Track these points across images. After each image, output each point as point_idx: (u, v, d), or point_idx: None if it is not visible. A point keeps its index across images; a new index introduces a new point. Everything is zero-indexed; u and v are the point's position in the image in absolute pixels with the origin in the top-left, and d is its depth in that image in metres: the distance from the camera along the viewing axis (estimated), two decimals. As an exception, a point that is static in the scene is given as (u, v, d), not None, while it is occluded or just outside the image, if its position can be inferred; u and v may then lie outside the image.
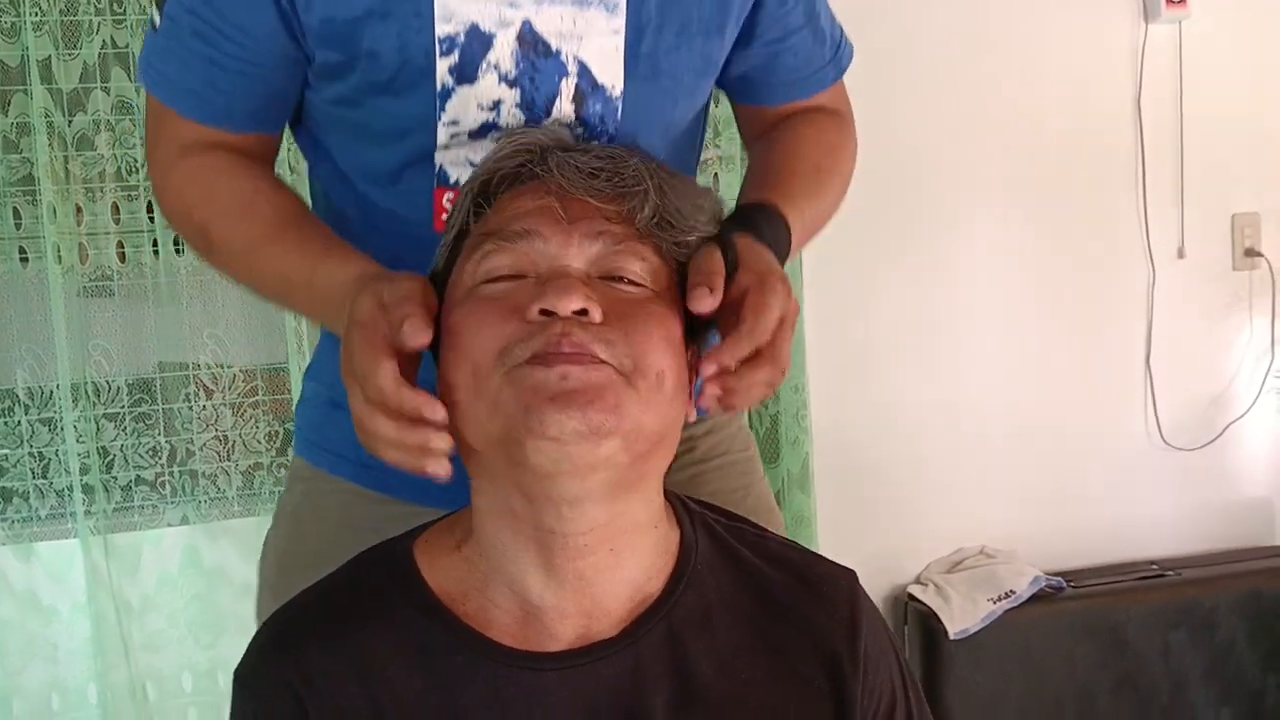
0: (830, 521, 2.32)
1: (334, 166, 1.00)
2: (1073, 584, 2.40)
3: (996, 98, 2.46)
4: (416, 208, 0.96)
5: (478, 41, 0.89)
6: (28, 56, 2.01)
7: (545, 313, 0.73)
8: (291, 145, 1.17)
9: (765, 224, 0.90)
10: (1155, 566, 2.51)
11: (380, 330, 0.75)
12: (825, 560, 0.89)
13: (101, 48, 2.05)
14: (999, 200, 2.48)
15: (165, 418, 2.16)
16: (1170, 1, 2.47)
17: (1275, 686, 2.44)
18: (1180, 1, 2.48)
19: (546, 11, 0.90)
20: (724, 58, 0.99)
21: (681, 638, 0.79)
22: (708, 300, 0.77)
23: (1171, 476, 2.60)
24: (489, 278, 0.77)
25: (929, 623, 2.31)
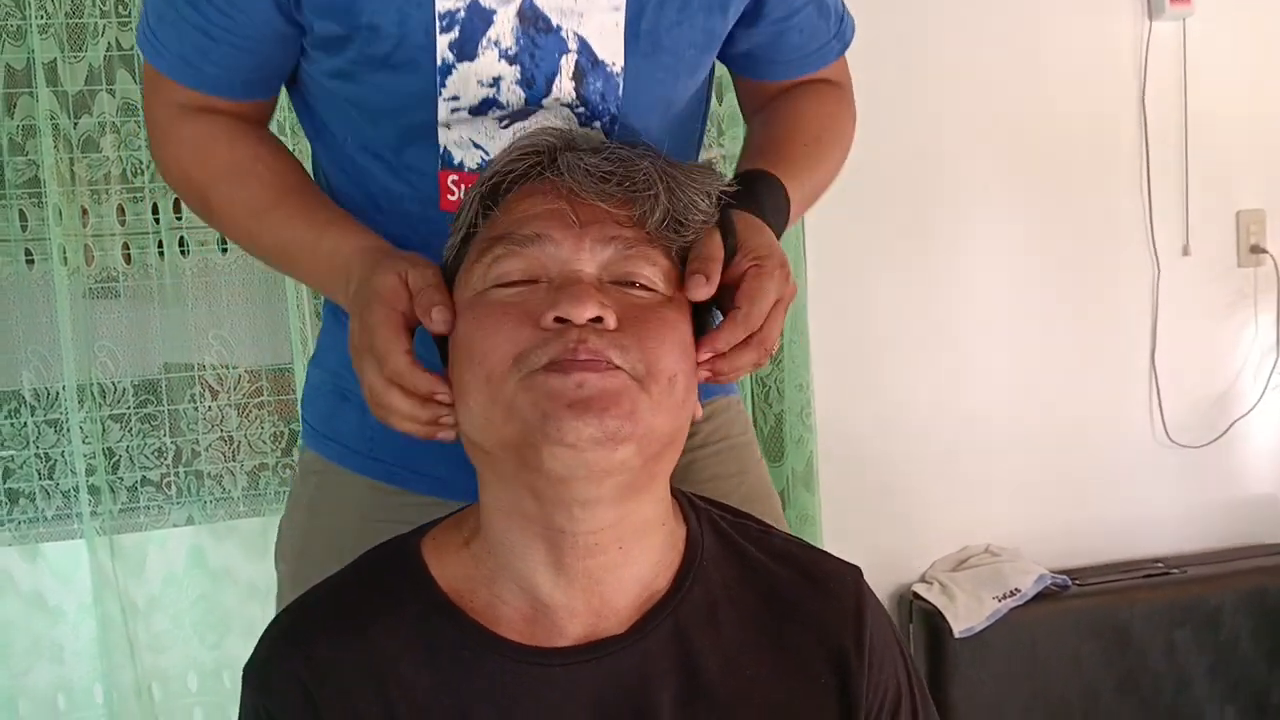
0: (835, 519, 2.32)
1: (336, 145, 1.00)
2: (1078, 582, 2.40)
3: (1001, 95, 2.45)
4: (419, 188, 0.95)
5: (478, 17, 0.89)
6: (33, 59, 2.01)
7: (560, 320, 0.73)
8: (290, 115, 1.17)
9: (766, 194, 0.91)
10: (1160, 564, 2.50)
11: (400, 309, 0.78)
12: (830, 556, 0.89)
13: (107, 50, 2.05)
14: (1003, 198, 2.48)
15: (170, 418, 2.16)
16: (1174, -1, 2.47)
17: (1280, 684, 2.44)
18: (1184, -2, 2.48)
19: None
20: (726, 32, 0.99)
21: (688, 634, 0.80)
22: (703, 289, 0.78)
23: (1177, 474, 2.60)
24: (500, 282, 0.77)
25: (934, 621, 2.31)
